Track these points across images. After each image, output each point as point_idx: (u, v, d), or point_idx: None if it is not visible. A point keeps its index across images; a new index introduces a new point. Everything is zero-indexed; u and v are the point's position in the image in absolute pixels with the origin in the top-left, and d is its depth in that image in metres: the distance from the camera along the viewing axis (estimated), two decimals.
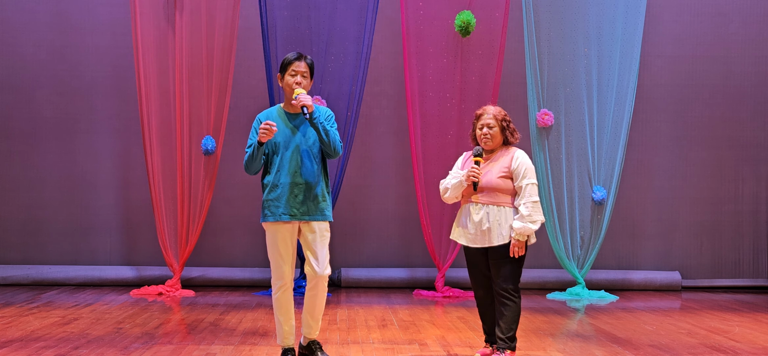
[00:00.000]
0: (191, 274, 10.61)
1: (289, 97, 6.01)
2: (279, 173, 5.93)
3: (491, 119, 6.22)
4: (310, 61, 6.06)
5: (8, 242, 10.81)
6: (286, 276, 5.96)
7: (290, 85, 5.97)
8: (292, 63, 5.99)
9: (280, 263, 5.95)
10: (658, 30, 11.04)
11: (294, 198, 5.90)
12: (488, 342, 6.37)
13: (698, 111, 11.20)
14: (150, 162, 9.98)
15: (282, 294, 5.99)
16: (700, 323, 8.34)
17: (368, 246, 10.97)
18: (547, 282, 10.79)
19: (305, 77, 5.99)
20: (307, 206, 5.93)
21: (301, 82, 5.95)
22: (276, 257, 5.96)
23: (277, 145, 5.96)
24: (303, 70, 5.98)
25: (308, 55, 6.24)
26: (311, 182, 5.93)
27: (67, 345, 6.74)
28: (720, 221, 11.22)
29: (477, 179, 6.09)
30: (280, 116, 6.04)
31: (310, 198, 5.94)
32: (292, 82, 5.95)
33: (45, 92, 10.84)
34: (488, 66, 10.15)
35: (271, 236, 5.97)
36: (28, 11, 10.81)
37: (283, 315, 6.02)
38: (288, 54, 6.08)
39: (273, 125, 5.82)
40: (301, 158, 5.93)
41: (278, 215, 5.91)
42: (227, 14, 9.97)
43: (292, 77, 5.97)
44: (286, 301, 6.00)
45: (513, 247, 6.04)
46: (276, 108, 6.13)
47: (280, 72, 6.05)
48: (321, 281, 5.95)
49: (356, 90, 9.97)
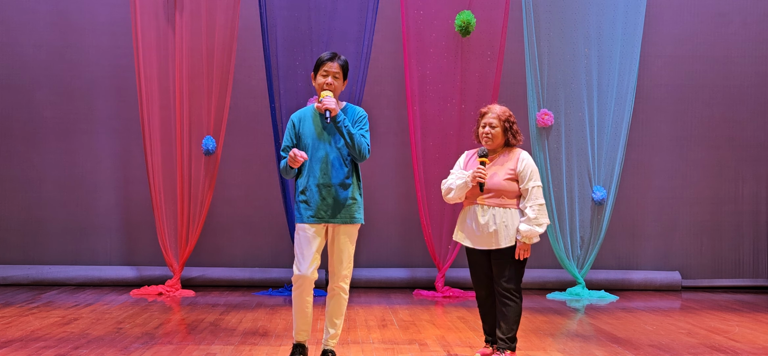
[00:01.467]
0: (191, 274, 10.60)
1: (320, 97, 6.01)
2: (309, 175, 5.93)
3: (494, 119, 6.18)
4: (344, 61, 6.00)
5: (8, 242, 10.81)
6: (307, 273, 5.90)
7: (321, 86, 5.94)
8: (325, 63, 5.95)
9: (302, 261, 5.91)
10: (658, 30, 11.03)
11: (322, 201, 5.90)
12: (488, 341, 6.36)
13: (698, 111, 11.20)
14: (150, 162, 9.98)
15: (300, 290, 5.92)
16: (700, 323, 8.34)
17: (368, 246, 10.96)
18: (547, 282, 10.79)
19: (337, 78, 5.94)
20: (336, 209, 5.91)
21: (332, 84, 5.91)
22: (300, 254, 5.93)
23: (307, 147, 5.96)
24: (335, 71, 5.94)
25: (309, 56, 6.22)
26: (340, 185, 5.93)
27: (67, 345, 6.73)
28: (720, 221, 11.22)
29: (483, 180, 6.05)
30: (312, 116, 6.02)
31: (340, 201, 5.92)
32: (323, 82, 5.93)
33: (45, 92, 10.83)
34: (488, 66, 10.15)
35: (297, 236, 5.97)
36: (28, 11, 10.80)
37: (300, 310, 5.96)
38: (322, 54, 6.04)
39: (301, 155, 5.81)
40: (330, 160, 5.92)
41: (305, 217, 5.91)
42: (227, 14, 9.97)
43: (323, 78, 5.94)
44: (303, 297, 5.94)
45: (519, 249, 6.02)
46: (310, 108, 6.09)
47: (313, 72, 6.02)
48: (342, 282, 5.97)
49: (356, 90, 9.97)
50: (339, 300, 6.01)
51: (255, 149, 10.69)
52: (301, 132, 5.98)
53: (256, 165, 10.71)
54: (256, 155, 10.69)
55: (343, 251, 5.94)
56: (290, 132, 6.02)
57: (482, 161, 6.10)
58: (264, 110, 10.51)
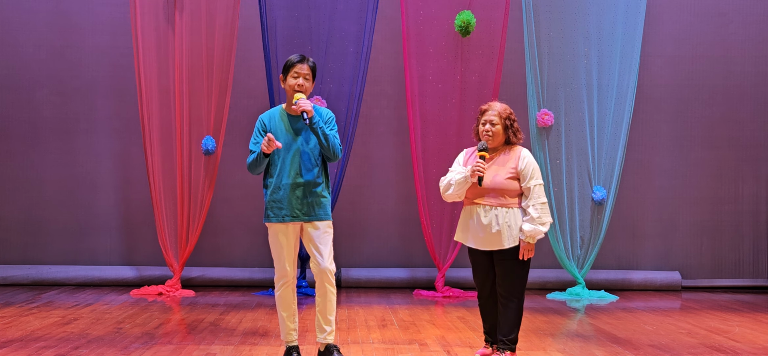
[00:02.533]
0: (191, 274, 10.61)
1: (290, 99, 6.05)
2: (280, 175, 6.00)
3: (495, 116, 6.11)
4: (313, 64, 6.10)
5: (8, 242, 10.81)
6: (289, 273, 6.06)
7: (292, 88, 6.02)
8: (294, 65, 6.04)
9: (283, 261, 6.04)
10: (658, 30, 11.04)
11: (296, 199, 5.97)
12: (488, 341, 6.31)
13: (698, 111, 11.20)
14: (150, 162, 9.98)
15: (284, 290, 6.07)
16: (700, 323, 8.34)
17: (368, 246, 10.96)
18: (547, 282, 10.79)
19: (307, 79, 6.04)
20: (309, 207, 6.00)
21: (303, 85, 5.99)
22: (279, 256, 6.05)
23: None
24: (305, 73, 6.03)
25: (309, 56, 6.28)
26: (312, 184, 6.00)
27: (67, 345, 6.74)
28: (720, 221, 11.21)
29: (482, 174, 5.96)
30: (281, 118, 6.09)
31: (312, 199, 6.01)
32: (294, 84, 6.01)
33: (45, 92, 10.83)
34: (488, 66, 10.15)
35: (273, 236, 6.05)
36: (28, 11, 10.80)
37: (286, 310, 6.09)
38: (291, 56, 6.13)
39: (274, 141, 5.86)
40: (301, 160, 5.99)
41: (281, 216, 5.99)
42: (227, 14, 9.97)
43: (294, 79, 6.02)
44: (288, 297, 6.08)
45: (523, 249, 5.96)
46: (278, 109, 6.17)
47: (283, 73, 6.10)
48: (325, 275, 5.99)
49: (356, 90, 9.97)
50: (330, 297, 6.06)
51: None
52: (272, 132, 6.03)
53: None
54: None
55: (323, 246, 6.01)
56: (260, 132, 6.08)
57: (482, 156, 6.02)
58: (264, 110, 10.48)
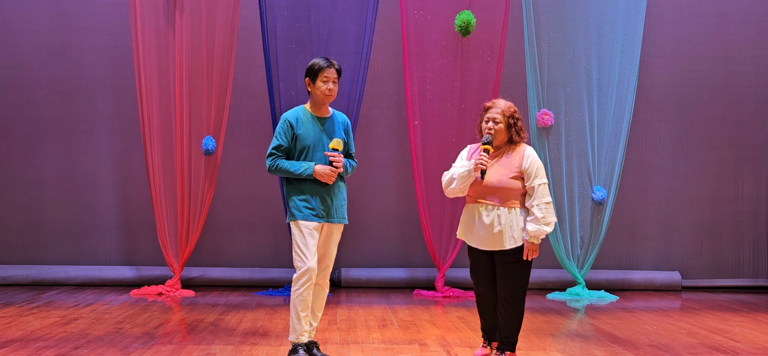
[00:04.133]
0: (191, 274, 10.61)
1: (319, 102, 6.15)
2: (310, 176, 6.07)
3: (498, 114, 6.05)
4: (339, 68, 6.20)
5: (8, 242, 10.81)
6: (313, 266, 6.04)
7: (322, 92, 6.10)
8: (324, 69, 6.10)
9: (308, 254, 6.02)
10: (658, 30, 11.04)
11: (323, 202, 6.08)
12: (486, 339, 6.27)
13: (698, 111, 11.20)
14: (150, 162, 9.98)
15: (308, 290, 6.05)
16: (700, 323, 8.34)
17: (368, 246, 10.96)
18: (547, 282, 10.79)
19: (335, 83, 6.14)
20: (333, 209, 6.13)
21: (332, 90, 6.10)
22: (305, 254, 6.02)
23: (307, 147, 6.10)
24: (334, 78, 6.14)
25: (310, 56, 6.33)
26: (337, 187, 6.14)
27: (67, 345, 6.74)
28: (720, 221, 11.22)
29: (485, 167, 5.91)
30: (308, 118, 6.16)
31: (336, 201, 6.14)
32: (325, 88, 6.10)
33: (45, 92, 10.83)
34: (488, 66, 10.15)
35: (300, 235, 6.05)
36: (28, 11, 10.80)
37: (306, 310, 6.09)
38: (316, 59, 6.17)
39: (335, 174, 6.06)
40: (328, 161, 6.07)
41: (309, 216, 6.05)
42: (227, 14, 9.97)
43: (324, 83, 6.10)
44: (309, 297, 6.09)
45: (527, 250, 5.91)
46: (302, 110, 6.22)
47: (309, 77, 6.15)
48: (328, 275, 6.24)
49: (356, 90, 9.97)
50: (324, 295, 6.29)
51: (255, 149, 10.68)
52: (300, 134, 6.10)
53: (256, 165, 10.70)
54: (256, 155, 10.67)
55: (334, 248, 6.23)
56: (286, 133, 6.12)
57: (485, 149, 5.96)
58: (264, 110, 10.52)
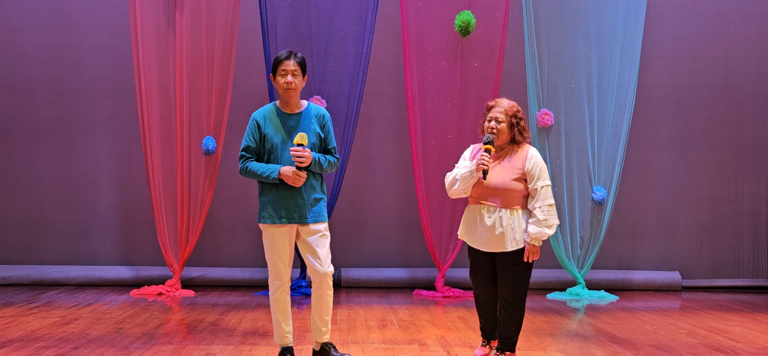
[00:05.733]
0: (191, 274, 10.61)
1: (283, 97, 5.99)
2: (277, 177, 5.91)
3: (501, 113, 5.99)
4: (300, 59, 6.00)
5: (8, 242, 10.81)
6: (284, 276, 5.97)
7: (281, 85, 5.95)
8: (281, 62, 5.95)
9: (278, 263, 5.94)
10: (658, 30, 11.04)
11: (292, 200, 5.89)
12: (485, 338, 6.26)
13: (698, 111, 11.20)
14: (150, 162, 9.98)
15: (280, 294, 5.99)
16: (700, 323, 8.34)
17: (368, 246, 10.96)
18: (547, 282, 10.79)
19: (295, 75, 5.94)
20: (305, 209, 5.92)
21: (291, 83, 5.90)
22: (274, 258, 5.95)
23: (274, 146, 5.95)
24: (292, 69, 5.94)
25: (310, 56, 6.23)
26: (309, 186, 5.93)
27: (67, 345, 6.74)
28: (720, 221, 11.22)
29: (487, 167, 5.86)
30: (276, 116, 6.01)
31: (308, 200, 5.93)
32: (283, 82, 5.93)
33: (45, 91, 10.83)
34: (488, 66, 10.15)
35: (268, 238, 5.95)
36: (28, 11, 10.80)
37: (282, 314, 6.02)
38: (278, 53, 6.05)
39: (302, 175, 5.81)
40: None
41: (277, 217, 5.90)
42: (227, 14, 9.97)
43: (282, 77, 5.94)
44: (284, 301, 6.01)
45: (528, 252, 5.88)
46: (271, 107, 6.07)
47: (272, 72, 6.03)
48: (325, 279, 5.95)
49: (356, 90, 9.97)
50: (328, 300, 6.02)
51: None
52: (267, 134, 5.96)
53: None
54: None
55: (320, 249, 5.93)
56: (254, 133, 5.99)
57: (487, 149, 5.91)
58: None
